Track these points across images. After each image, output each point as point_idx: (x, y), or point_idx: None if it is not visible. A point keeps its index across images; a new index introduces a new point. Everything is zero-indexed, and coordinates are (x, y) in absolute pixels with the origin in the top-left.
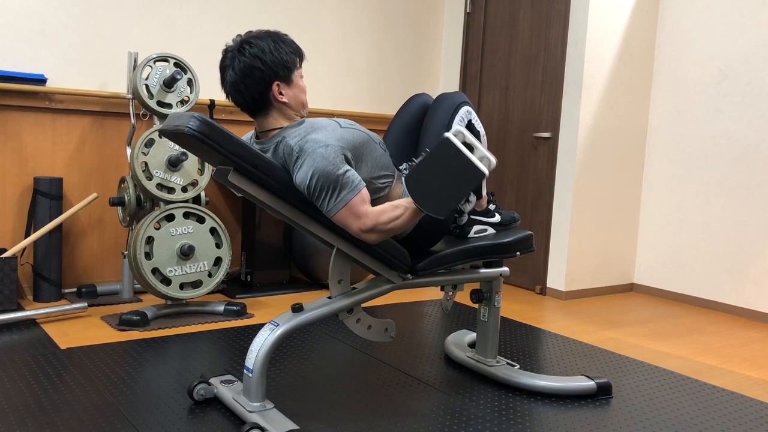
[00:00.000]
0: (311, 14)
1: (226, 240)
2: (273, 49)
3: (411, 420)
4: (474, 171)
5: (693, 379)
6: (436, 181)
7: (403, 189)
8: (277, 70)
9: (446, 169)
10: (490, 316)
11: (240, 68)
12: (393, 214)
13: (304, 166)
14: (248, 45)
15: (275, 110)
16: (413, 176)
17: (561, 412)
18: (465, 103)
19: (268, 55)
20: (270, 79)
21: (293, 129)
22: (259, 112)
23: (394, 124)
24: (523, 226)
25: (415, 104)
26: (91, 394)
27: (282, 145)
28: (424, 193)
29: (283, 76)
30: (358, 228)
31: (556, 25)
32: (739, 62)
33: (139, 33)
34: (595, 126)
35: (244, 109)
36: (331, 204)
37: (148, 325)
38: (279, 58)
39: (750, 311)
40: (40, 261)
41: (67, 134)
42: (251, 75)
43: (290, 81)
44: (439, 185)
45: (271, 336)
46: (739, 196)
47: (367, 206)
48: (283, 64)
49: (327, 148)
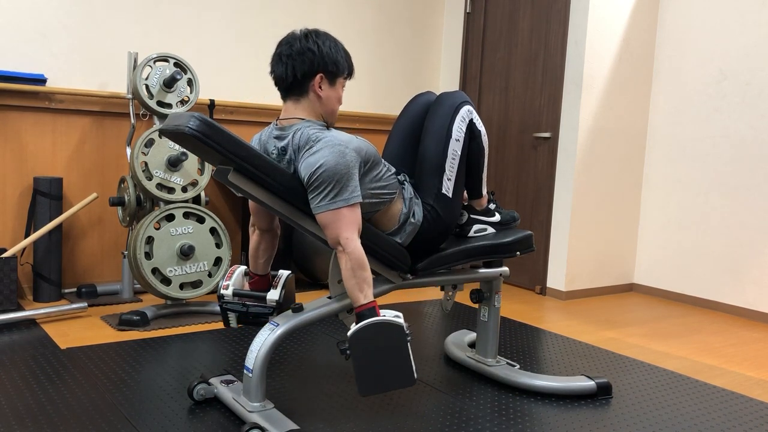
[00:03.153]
0: (311, 14)
1: (226, 240)
2: (332, 47)
3: (411, 420)
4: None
5: (693, 379)
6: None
7: (404, 202)
8: (327, 63)
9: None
10: (490, 316)
11: (297, 48)
12: (362, 278)
13: (317, 153)
14: (314, 35)
15: (308, 100)
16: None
17: (561, 412)
18: (466, 103)
19: (325, 48)
20: (317, 68)
21: (317, 126)
22: (292, 93)
23: (398, 124)
24: (523, 226)
25: (419, 103)
26: (91, 394)
27: (301, 132)
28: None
29: (330, 72)
30: (336, 239)
31: (556, 25)
32: (739, 62)
33: (139, 33)
34: (595, 126)
35: (279, 84)
36: (323, 201)
37: (148, 325)
38: (335, 56)
39: (750, 311)
40: (40, 261)
41: (67, 134)
42: (304, 55)
43: (334, 81)
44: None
45: (271, 336)
46: (739, 196)
47: (355, 231)
48: (335, 62)
49: (346, 149)
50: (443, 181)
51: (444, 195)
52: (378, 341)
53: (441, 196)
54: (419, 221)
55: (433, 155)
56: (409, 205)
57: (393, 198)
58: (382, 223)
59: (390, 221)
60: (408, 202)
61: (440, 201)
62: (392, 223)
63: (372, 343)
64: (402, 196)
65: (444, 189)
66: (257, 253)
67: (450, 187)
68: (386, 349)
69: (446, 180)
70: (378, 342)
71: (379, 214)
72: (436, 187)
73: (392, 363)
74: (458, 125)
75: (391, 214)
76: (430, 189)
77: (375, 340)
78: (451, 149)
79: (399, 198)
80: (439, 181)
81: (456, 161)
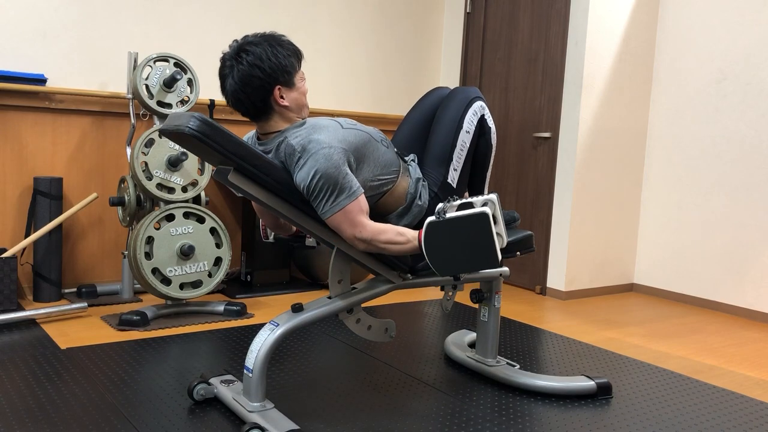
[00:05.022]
0: (312, 14)
1: (226, 240)
2: (271, 55)
3: (411, 420)
4: (492, 257)
5: (693, 379)
6: (453, 244)
7: (409, 184)
8: (276, 76)
9: (468, 240)
10: (490, 316)
11: (239, 77)
12: (393, 239)
13: (306, 166)
14: (245, 53)
15: (276, 114)
16: (434, 228)
17: (561, 412)
18: (479, 98)
19: (266, 62)
20: (270, 86)
21: (295, 130)
22: (260, 117)
23: (410, 115)
24: (523, 226)
25: (434, 97)
26: (91, 394)
27: (284, 145)
28: (436, 247)
29: (283, 80)
30: (352, 235)
31: (556, 25)
32: (739, 62)
33: (139, 33)
34: (595, 126)
35: (245, 116)
36: (328, 206)
37: (148, 325)
38: (278, 63)
39: (750, 311)
40: (40, 261)
41: (67, 134)
42: (250, 83)
43: (291, 84)
44: (454, 249)
45: (271, 336)
46: (739, 196)
47: (364, 217)
48: (283, 69)
49: (330, 149)
50: (450, 170)
51: (449, 184)
52: (462, 231)
53: (446, 185)
54: (425, 203)
55: (442, 143)
56: (416, 186)
57: (397, 176)
58: (389, 204)
59: (397, 201)
60: (414, 182)
61: (444, 190)
62: (399, 203)
63: (455, 233)
64: (408, 174)
65: (449, 178)
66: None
67: (455, 178)
68: (471, 235)
69: (452, 170)
70: (460, 232)
71: (386, 197)
72: (442, 175)
73: (477, 247)
74: (470, 117)
75: (398, 195)
76: (436, 177)
77: (459, 231)
78: (461, 140)
79: (404, 176)
80: (446, 170)
81: (464, 153)
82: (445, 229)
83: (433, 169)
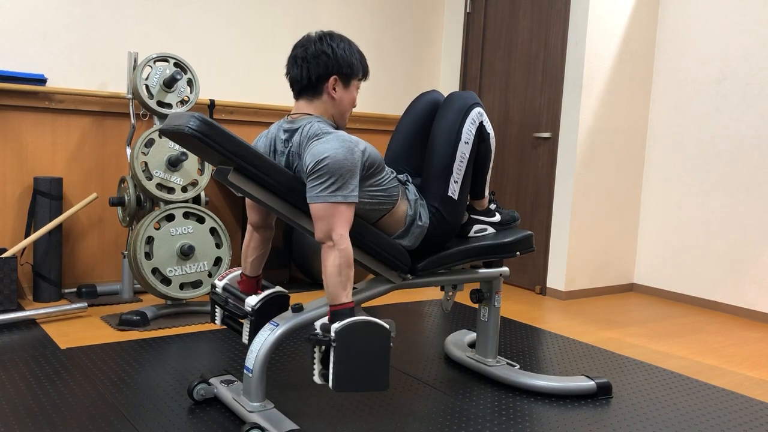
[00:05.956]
0: (312, 14)
1: (226, 240)
2: (346, 48)
3: (411, 420)
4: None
5: (693, 379)
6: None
7: (408, 203)
8: (341, 66)
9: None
10: (490, 316)
11: (312, 51)
12: (348, 272)
13: (327, 144)
14: (328, 37)
15: (321, 101)
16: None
17: (561, 412)
18: (477, 105)
19: (339, 51)
20: (332, 70)
21: (327, 123)
22: (306, 93)
23: (402, 123)
24: (523, 225)
25: (424, 102)
26: (91, 394)
27: (309, 126)
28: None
29: (344, 74)
30: (328, 233)
31: (556, 25)
32: (739, 62)
33: (139, 33)
34: (595, 126)
35: (293, 85)
36: (323, 192)
37: (148, 325)
38: (348, 57)
39: (750, 311)
40: (40, 261)
41: (67, 134)
42: (318, 58)
43: (348, 84)
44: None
45: (271, 336)
46: (739, 196)
47: (347, 227)
48: (349, 64)
49: (356, 147)
50: (450, 183)
51: (450, 198)
52: (363, 340)
53: (447, 199)
54: (426, 224)
55: (441, 157)
56: (414, 206)
57: (394, 203)
58: (389, 226)
59: (397, 224)
60: (413, 203)
61: (446, 204)
62: (399, 225)
63: (357, 342)
64: (406, 197)
65: (450, 192)
66: (247, 251)
67: (456, 190)
68: (369, 350)
69: (453, 183)
70: (362, 341)
71: (386, 218)
72: (442, 189)
73: (371, 364)
74: (468, 127)
75: (397, 217)
76: (436, 192)
77: (360, 339)
78: (460, 152)
79: (403, 200)
80: (446, 184)
81: (464, 164)
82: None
83: (433, 183)
